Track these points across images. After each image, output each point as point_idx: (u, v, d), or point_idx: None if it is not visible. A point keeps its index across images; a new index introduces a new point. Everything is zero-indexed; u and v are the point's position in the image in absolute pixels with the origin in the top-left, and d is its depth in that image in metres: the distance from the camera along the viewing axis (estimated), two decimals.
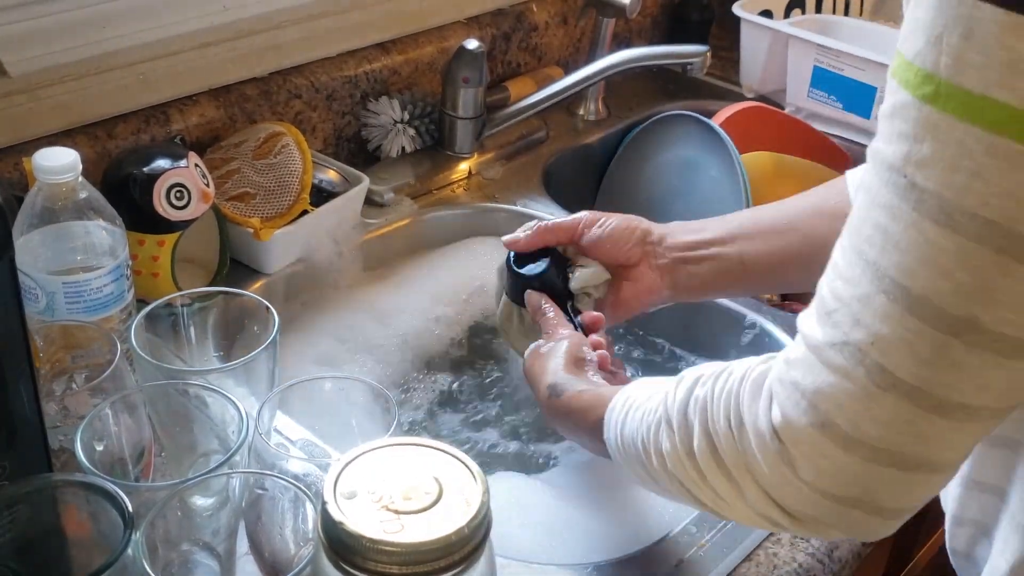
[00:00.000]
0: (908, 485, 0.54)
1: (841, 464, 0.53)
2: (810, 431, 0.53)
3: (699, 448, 0.61)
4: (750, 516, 0.61)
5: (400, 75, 1.23)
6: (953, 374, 0.49)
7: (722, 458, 0.60)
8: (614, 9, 1.33)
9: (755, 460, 0.57)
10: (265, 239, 1.00)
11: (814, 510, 0.56)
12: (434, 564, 0.45)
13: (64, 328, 0.75)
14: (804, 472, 0.55)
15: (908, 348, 0.49)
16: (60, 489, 0.60)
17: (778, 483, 0.56)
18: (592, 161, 1.38)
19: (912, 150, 0.47)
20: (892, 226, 0.48)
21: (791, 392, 0.54)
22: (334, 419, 0.70)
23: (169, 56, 1.05)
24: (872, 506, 0.55)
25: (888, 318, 0.49)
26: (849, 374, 0.51)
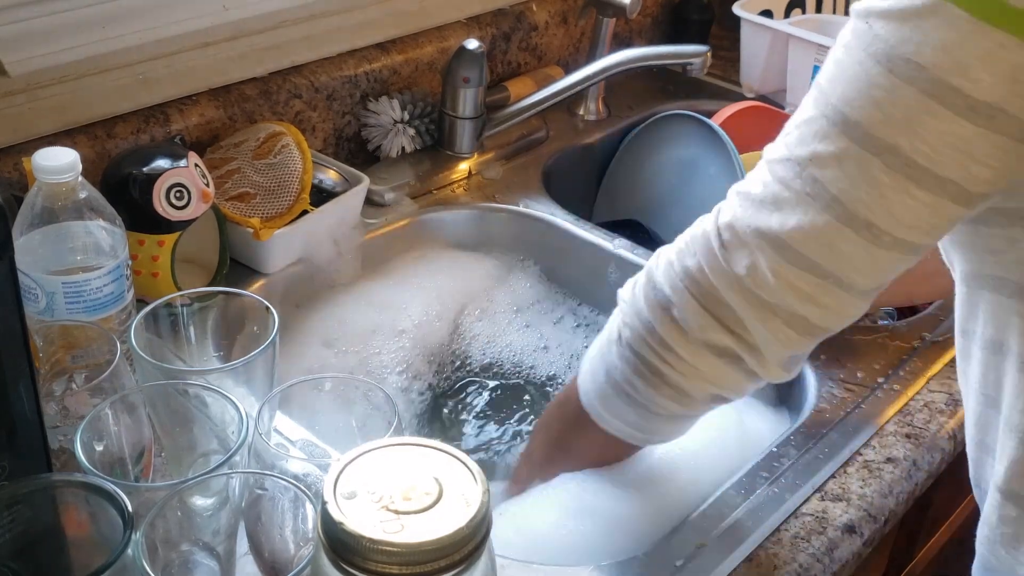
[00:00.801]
0: (821, 292, 0.62)
1: (768, 262, 0.62)
2: (749, 232, 0.63)
3: (644, 295, 0.71)
4: (697, 356, 0.68)
5: (400, 75, 1.23)
6: (869, 192, 0.58)
7: (660, 290, 0.69)
8: (614, 9, 1.33)
9: (696, 267, 0.66)
10: (265, 239, 1.00)
11: (743, 310, 0.64)
12: (434, 564, 0.45)
13: (64, 328, 0.75)
14: (738, 265, 0.64)
15: (838, 163, 0.58)
16: (60, 489, 0.60)
17: (714, 279, 0.65)
18: (592, 161, 1.38)
19: (875, 3, 0.56)
20: (845, 60, 0.58)
21: (741, 199, 0.64)
22: (334, 419, 0.70)
23: (169, 56, 1.05)
24: (788, 314, 0.63)
25: (826, 138, 0.58)
26: (788, 184, 0.61)
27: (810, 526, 0.80)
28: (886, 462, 0.87)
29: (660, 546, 0.77)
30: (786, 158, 0.61)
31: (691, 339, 0.68)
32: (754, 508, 0.80)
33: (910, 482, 0.86)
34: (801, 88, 1.40)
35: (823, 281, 0.61)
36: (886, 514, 0.84)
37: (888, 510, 0.84)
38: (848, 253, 0.60)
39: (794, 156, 0.60)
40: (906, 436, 0.89)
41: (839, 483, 0.84)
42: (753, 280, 0.63)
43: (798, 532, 0.80)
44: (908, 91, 0.54)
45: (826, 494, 0.83)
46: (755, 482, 0.83)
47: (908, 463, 0.87)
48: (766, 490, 0.82)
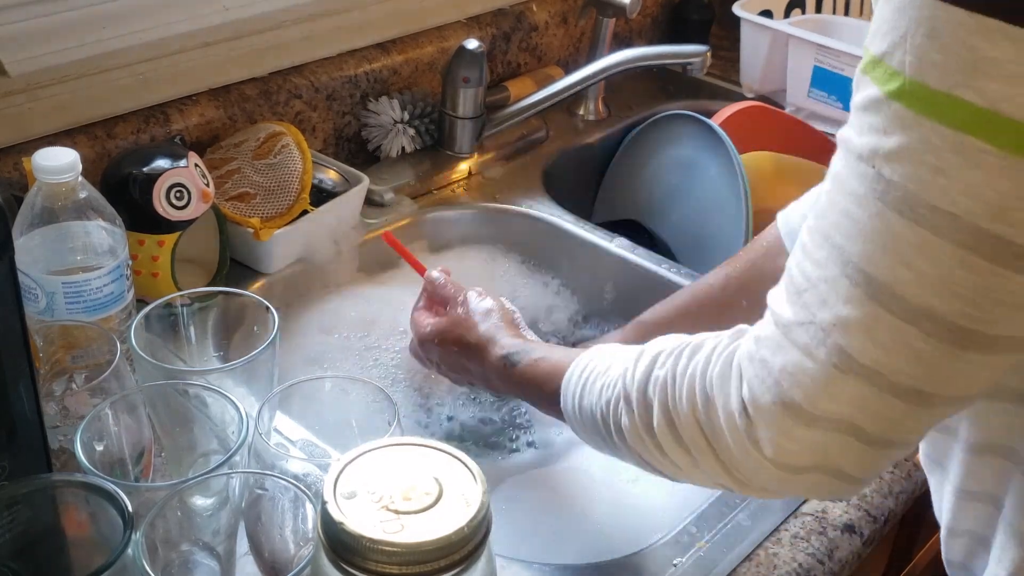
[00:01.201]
0: (866, 455, 0.55)
1: (801, 439, 0.55)
2: (773, 408, 0.55)
3: (658, 425, 0.62)
4: (703, 481, 0.64)
5: (400, 75, 1.23)
6: (909, 361, 0.50)
7: (680, 435, 0.61)
8: (614, 9, 1.33)
9: (721, 436, 0.58)
10: (265, 239, 1.00)
11: (770, 483, 0.58)
12: (434, 564, 0.45)
13: (64, 328, 0.75)
14: (767, 450, 0.56)
15: (868, 333, 0.50)
16: (60, 489, 0.60)
17: (740, 460, 0.58)
18: (592, 161, 1.38)
19: (880, 143, 0.49)
20: (858, 213, 0.50)
21: (759, 370, 0.55)
22: (334, 419, 0.70)
23: (169, 56, 1.05)
24: (833, 470, 0.56)
25: (851, 302, 0.51)
26: (812, 353, 0.53)
27: (810, 526, 0.80)
28: None
29: (660, 546, 0.77)
30: (808, 323, 0.53)
31: (708, 479, 0.63)
32: (754, 508, 0.80)
33: (910, 482, 0.86)
34: (801, 88, 1.40)
35: (868, 446, 0.54)
36: (886, 514, 0.84)
37: (888, 510, 0.84)
38: (893, 418, 0.53)
39: (816, 321, 0.52)
40: None
41: None
42: (787, 459, 0.56)
43: (798, 532, 0.80)
44: (940, 245, 0.47)
45: None
46: None
47: (908, 463, 0.87)
48: None
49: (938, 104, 0.46)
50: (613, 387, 0.67)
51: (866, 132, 0.50)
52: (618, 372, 0.67)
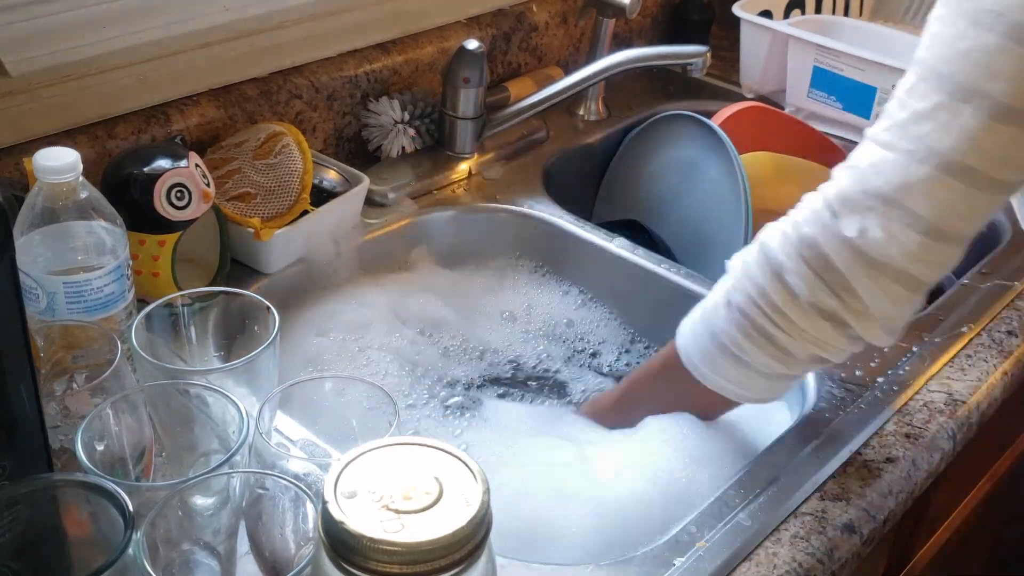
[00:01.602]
0: (925, 248, 0.68)
1: (878, 219, 0.68)
2: (859, 196, 0.69)
3: (757, 263, 0.76)
4: (805, 318, 0.74)
5: (400, 75, 1.23)
6: (961, 138, 0.64)
7: (773, 259, 0.74)
8: (614, 9, 1.33)
9: (808, 237, 0.72)
10: (265, 239, 1.00)
11: (852, 274, 0.70)
12: (434, 564, 0.45)
13: (64, 328, 0.75)
14: (847, 230, 0.69)
15: (933, 117, 0.64)
16: (60, 489, 0.60)
17: (825, 247, 0.70)
18: (592, 161, 1.38)
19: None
20: (938, 29, 0.64)
21: (847, 170, 0.71)
22: (334, 419, 0.70)
23: (169, 56, 1.05)
24: (896, 272, 0.69)
25: (923, 97, 0.65)
26: (891, 146, 0.67)
27: (810, 526, 0.80)
28: (886, 462, 0.87)
29: (660, 546, 0.77)
30: (889, 126, 0.67)
31: (801, 303, 0.73)
32: (754, 508, 0.80)
33: (910, 482, 0.86)
34: (801, 88, 1.40)
35: (926, 237, 0.67)
36: (886, 514, 0.84)
37: (888, 510, 0.84)
38: (950, 202, 0.66)
39: (896, 121, 0.66)
40: (906, 436, 0.90)
41: (839, 483, 0.84)
42: (863, 241, 0.68)
43: (798, 532, 0.80)
44: (989, 37, 0.60)
45: (826, 494, 0.83)
46: (755, 482, 0.83)
47: (908, 463, 0.87)
48: (766, 490, 0.82)
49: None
50: (713, 294, 0.81)
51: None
52: (717, 292, 0.81)
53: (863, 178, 0.69)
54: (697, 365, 0.84)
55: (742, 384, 0.83)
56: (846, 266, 0.70)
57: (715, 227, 1.20)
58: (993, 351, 0.99)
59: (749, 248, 0.80)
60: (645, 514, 0.84)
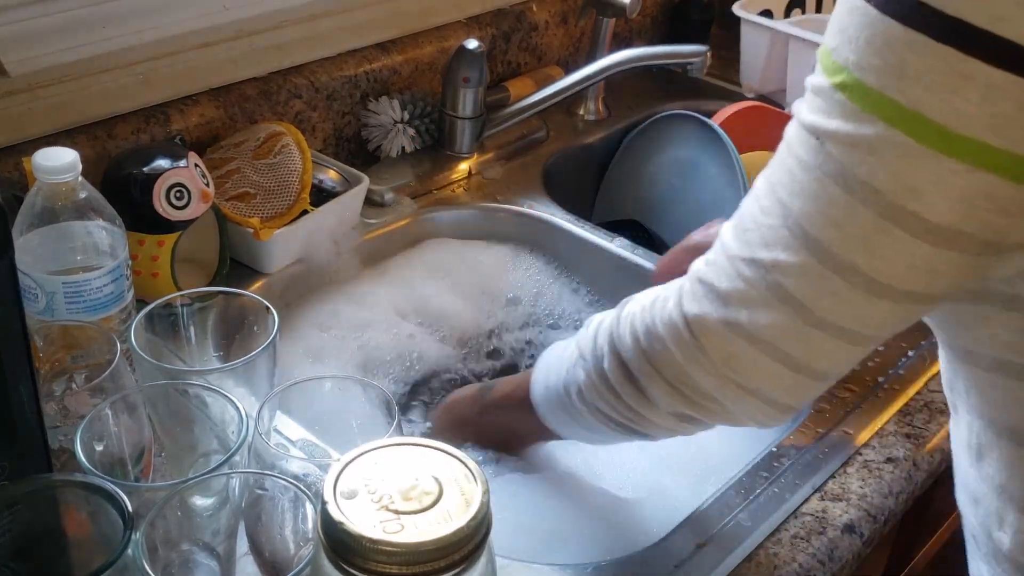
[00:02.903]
0: (794, 383, 0.63)
1: (743, 354, 0.62)
2: (720, 325, 0.63)
3: (609, 367, 0.71)
4: (663, 420, 0.70)
5: (400, 75, 1.23)
6: (834, 302, 0.59)
7: (629, 368, 0.69)
8: (614, 9, 1.33)
9: (665, 354, 0.66)
10: (265, 239, 1.00)
11: (720, 393, 0.65)
12: (434, 564, 0.45)
13: (64, 328, 0.75)
14: (714, 356, 0.64)
15: (801, 274, 0.59)
16: (60, 489, 0.60)
17: (688, 368, 0.65)
18: (592, 161, 1.38)
19: (824, 123, 0.56)
20: (801, 176, 0.58)
21: (707, 291, 0.64)
22: (334, 419, 0.70)
23: (169, 56, 1.05)
24: (766, 398, 0.64)
25: (788, 248, 0.59)
26: (754, 285, 0.61)
27: (810, 526, 0.80)
28: (886, 462, 0.87)
29: (660, 546, 0.77)
30: (751, 259, 0.61)
31: (661, 412, 0.69)
32: (754, 508, 0.80)
33: (910, 482, 0.86)
34: (801, 88, 1.39)
35: (797, 374, 0.63)
36: (886, 514, 0.84)
37: (888, 510, 0.84)
38: (820, 348, 0.61)
39: (758, 259, 0.60)
40: (906, 436, 0.89)
41: (839, 483, 0.84)
42: (731, 368, 0.64)
43: (798, 532, 0.80)
44: (865, 213, 0.55)
45: (826, 494, 0.83)
46: (755, 482, 0.83)
47: (908, 463, 0.87)
48: (766, 490, 0.82)
49: (873, 100, 0.54)
50: (569, 356, 0.76)
51: (814, 111, 0.57)
52: (572, 344, 0.76)
53: (725, 310, 0.62)
54: (547, 415, 0.81)
55: (590, 439, 0.82)
56: (713, 386, 0.65)
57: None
58: None
59: (597, 333, 0.73)
60: (645, 513, 0.84)
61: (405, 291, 1.09)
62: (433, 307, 1.09)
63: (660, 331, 0.66)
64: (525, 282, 1.16)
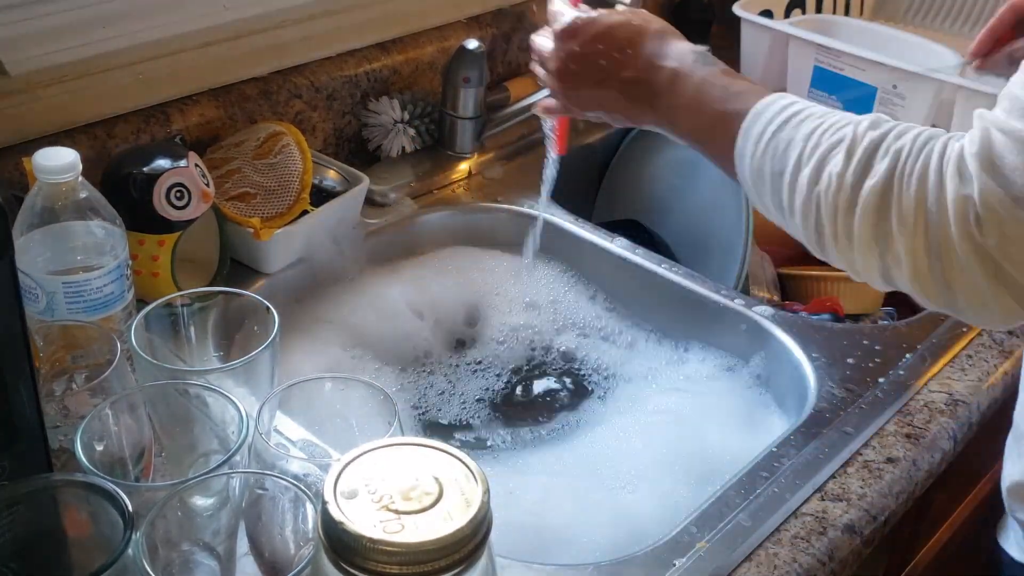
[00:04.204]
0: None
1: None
2: (1006, 200, 0.60)
3: (872, 186, 0.65)
4: (862, 261, 0.67)
5: (400, 75, 1.23)
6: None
7: (890, 205, 0.64)
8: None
9: (943, 221, 0.62)
10: (265, 239, 1.00)
11: (970, 280, 0.62)
12: (434, 564, 0.45)
13: (64, 328, 0.75)
14: (990, 240, 0.61)
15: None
16: (60, 489, 0.60)
17: (956, 246, 0.62)
18: (592, 161, 1.38)
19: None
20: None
21: (995, 172, 0.61)
22: (334, 419, 0.70)
23: (169, 56, 1.05)
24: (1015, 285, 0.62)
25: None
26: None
27: (810, 526, 0.80)
28: (886, 462, 0.87)
29: (660, 546, 0.77)
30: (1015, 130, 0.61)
31: (873, 246, 0.66)
32: (754, 508, 0.80)
33: (910, 482, 0.86)
34: (801, 88, 1.40)
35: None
36: (886, 514, 0.84)
37: (888, 510, 0.84)
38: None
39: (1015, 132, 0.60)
40: (906, 436, 0.89)
41: (839, 483, 0.84)
42: (1003, 246, 0.61)
43: (798, 532, 0.80)
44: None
45: (826, 494, 0.83)
46: (755, 482, 0.83)
47: (908, 463, 0.87)
48: (766, 490, 0.82)
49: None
50: (835, 132, 0.68)
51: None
52: (845, 123, 0.68)
53: (1011, 186, 0.61)
54: (747, 142, 0.74)
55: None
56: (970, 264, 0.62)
57: (715, 227, 1.20)
58: (994, 351, 0.99)
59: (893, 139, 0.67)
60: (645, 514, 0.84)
61: (407, 290, 1.09)
62: (434, 307, 1.09)
63: (948, 194, 0.63)
64: (528, 283, 1.16)
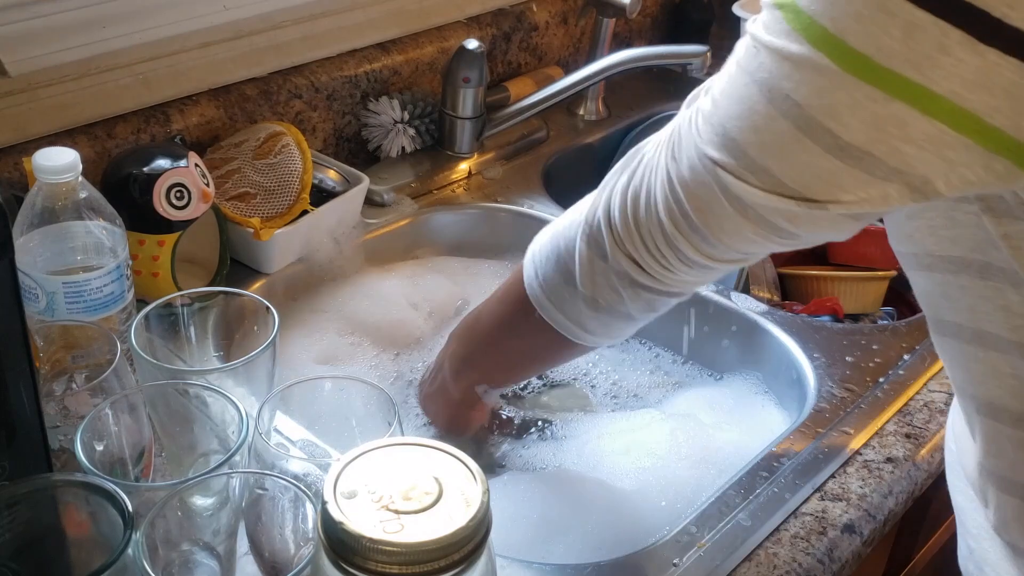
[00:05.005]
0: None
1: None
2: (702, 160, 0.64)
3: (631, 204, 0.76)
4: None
5: (400, 75, 1.23)
6: (749, 197, 0.62)
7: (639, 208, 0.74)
8: (614, 9, 1.33)
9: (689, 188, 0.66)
10: (265, 239, 1.00)
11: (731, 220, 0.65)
12: (434, 564, 0.45)
13: (64, 328, 0.75)
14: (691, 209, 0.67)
15: (718, 171, 0.62)
16: (60, 489, 0.60)
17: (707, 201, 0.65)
18: (592, 161, 1.38)
19: (762, 34, 0.58)
20: (736, 78, 0.61)
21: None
22: (334, 419, 0.70)
23: (169, 56, 1.05)
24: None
25: (710, 144, 0.63)
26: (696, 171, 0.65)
27: (810, 526, 0.80)
28: (886, 462, 0.87)
29: (660, 546, 0.77)
30: (695, 138, 0.64)
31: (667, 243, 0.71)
32: (754, 508, 0.80)
33: (910, 482, 0.86)
34: None
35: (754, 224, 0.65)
36: (886, 514, 0.84)
37: (888, 510, 0.84)
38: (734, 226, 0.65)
39: (696, 144, 0.64)
40: (906, 436, 0.90)
41: (839, 483, 0.84)
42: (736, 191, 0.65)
43: (798, 532, 0.80)
44: (783, 123, 0.58)
45: (826, 494, 0.83)
46: (755, 482, 0.83)
47: (908, 463, 0.87)
48: (766, 490, 0.82)
49: (801, 20, 0.56)
50: (586, 208, 0.80)
51: (758, 23, 0.59)
52: (576, 211, 0.80)
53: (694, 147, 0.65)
54: (536, 269, 0.81)
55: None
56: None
57: None
58: None
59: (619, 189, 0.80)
60: (645, 514, 0.84)
61: (407, 290, 1.09)
62: (431, 303, 1.09)
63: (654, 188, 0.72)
64: None
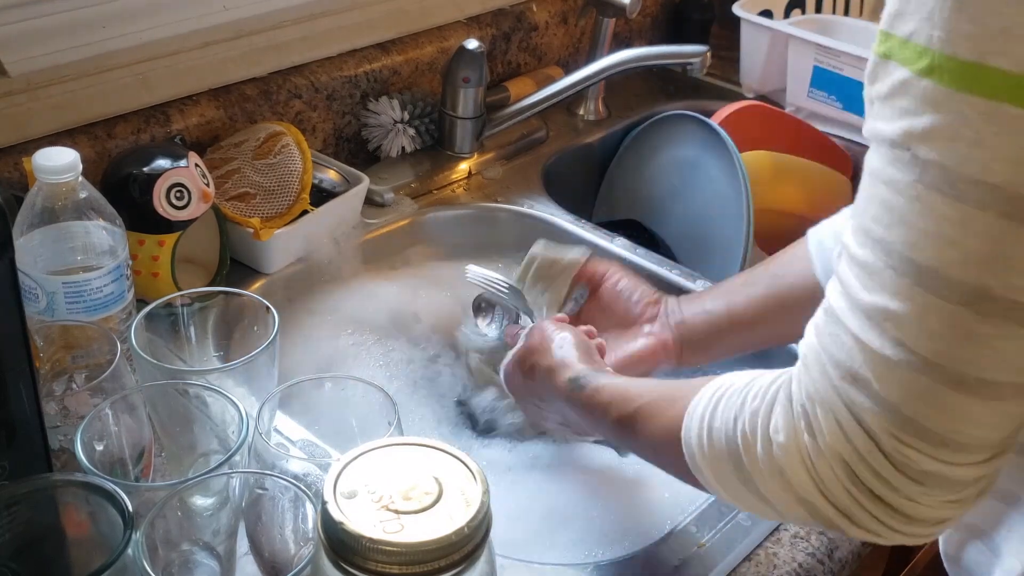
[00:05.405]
0: (935, 463, 0.51)
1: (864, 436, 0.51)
2: (835, 399, 0.52)
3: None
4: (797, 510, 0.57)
5: (400, 75, 1.23)
6: (968, 347, 0.48)
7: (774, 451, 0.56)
8: (614, 9, 1.33)
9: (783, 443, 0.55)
10: (265, 239, 1.00)
11: (835, 489, 0.53)
12: (434, 564, 0.45)
13: (64, 328, 0.75)
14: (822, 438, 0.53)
15: (920, 322, 0.48)
16: (60, 489, 0.60)
17: (807, 454, 0.54)
18: (592, 161, 1.38)
19: (913, 124, 0.47)
20: (896, 200, 0.48)
21: (821, 365, 0.53)
22: (334, 419, 0.70)
23: (169, 56, 1.05)
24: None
25: (897, 293, 0.49)
26: (867, 344, 0.50)
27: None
28: None
29: (660, 545, 0.77)
30: (854, 309, 0.51)
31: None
32: None
33: None
34: (801, 88, 1.40)
35: (939, 450, 0.50)
36: None
37: None
38: (955, 410, 0.49)
39: (865, 309, 0.50)
40: None
41: None
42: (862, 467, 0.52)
43: (798, 532, 0.80)
44: (984, 218, 0.45)
45: None
46: None
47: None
48: None
49: (968, 75, 0.45)
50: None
51: (896, 117, 0.48)
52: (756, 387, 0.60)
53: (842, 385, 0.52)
54: (694, 442, 0.63)
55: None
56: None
57: (716, 227, 1.20)
58: None
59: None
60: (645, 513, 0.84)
61: (407, 290, 1.09)
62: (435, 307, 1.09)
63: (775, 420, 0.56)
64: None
